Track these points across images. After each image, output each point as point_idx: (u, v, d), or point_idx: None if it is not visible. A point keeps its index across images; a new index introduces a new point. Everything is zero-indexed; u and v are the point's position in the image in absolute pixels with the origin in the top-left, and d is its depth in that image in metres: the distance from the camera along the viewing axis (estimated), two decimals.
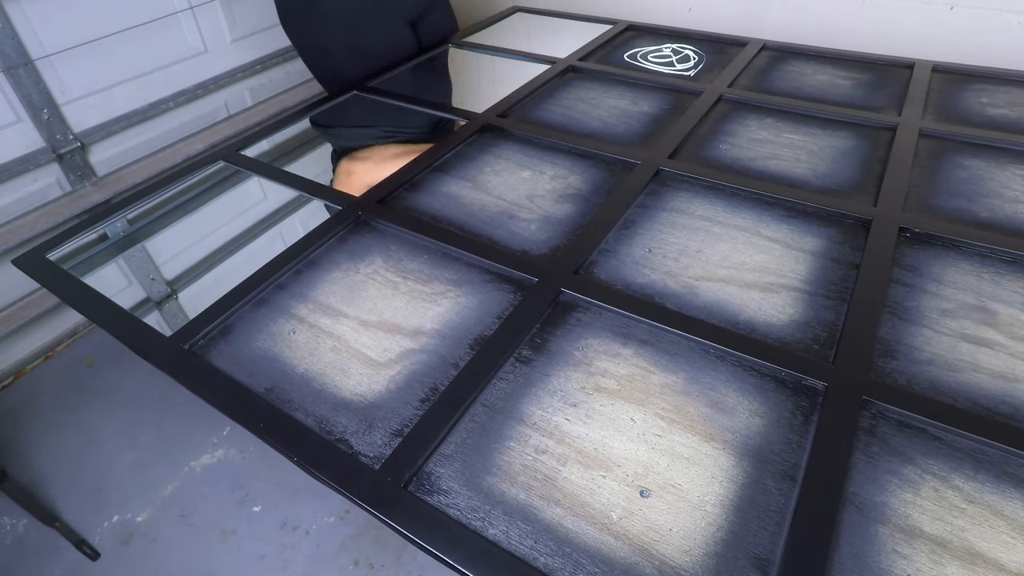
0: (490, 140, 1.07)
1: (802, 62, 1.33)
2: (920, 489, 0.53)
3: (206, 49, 1.68)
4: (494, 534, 0.51)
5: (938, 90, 1.18)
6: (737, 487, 0.54)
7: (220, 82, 1.72)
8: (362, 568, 1.14)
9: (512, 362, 0.65)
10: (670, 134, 1.05)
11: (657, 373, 0.64)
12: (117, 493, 1.27)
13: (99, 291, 0.77)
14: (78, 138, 1.45)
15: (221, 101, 1.78)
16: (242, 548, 1.17)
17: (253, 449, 1.34)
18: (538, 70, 1.32)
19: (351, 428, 0.60)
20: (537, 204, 0.91)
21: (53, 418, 1.42)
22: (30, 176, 1.40)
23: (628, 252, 0.81)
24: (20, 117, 1.36)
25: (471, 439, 0.58)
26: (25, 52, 1.31)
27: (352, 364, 0.67)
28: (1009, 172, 0.93)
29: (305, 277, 0.79)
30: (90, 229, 0.92)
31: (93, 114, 1.49)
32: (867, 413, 0.59)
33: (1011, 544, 0.49)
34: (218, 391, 0.63)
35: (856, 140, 1.04)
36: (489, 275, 0.77)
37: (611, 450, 0.57)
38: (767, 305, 0.72)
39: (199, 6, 1.61)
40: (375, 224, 0.87)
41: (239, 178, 1.16)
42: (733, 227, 0.84)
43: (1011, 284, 0.73)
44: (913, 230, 0.81)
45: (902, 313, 0.70)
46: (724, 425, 0.59)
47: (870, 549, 0.49)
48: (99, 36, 1.44)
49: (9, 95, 1.32)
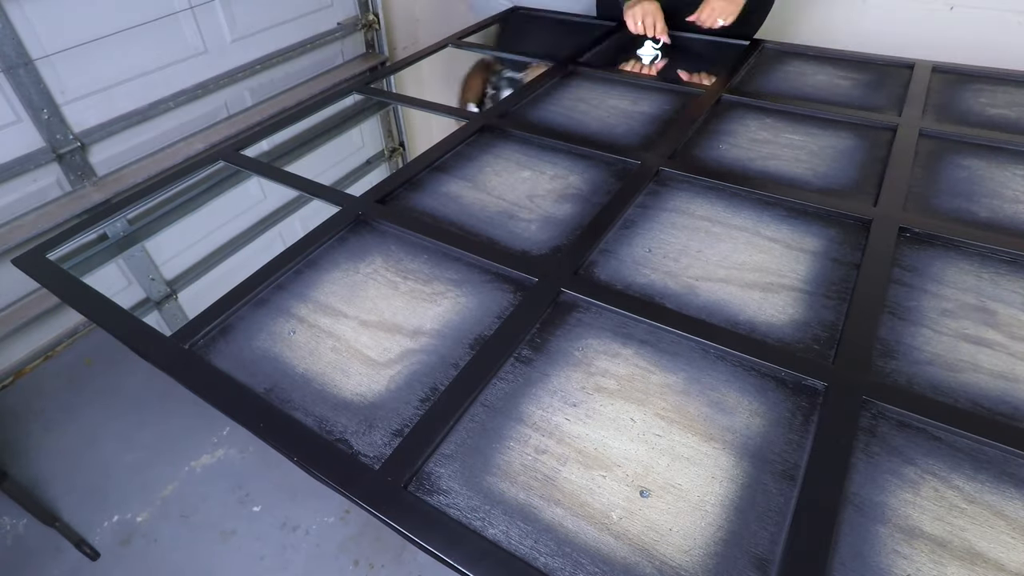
0: (490, 140, 1.07)
1: (802, 62, 1.33)
2: (920, 489, 0.53)
3: (206, 49, 1.68)
4: (494, 534, 0.51)
5: (938, 90, 1.18)
6: (737, 487, 0.54)
7: (220, 82, 1.72)
8: (362, 568, 1.14)
9: (512, 362, 0.65)
10: (670, 134, 1.05)
11: (657, 373, 0.64)
12: (117, 493, 1.27)
13: (99, 291, 0.77)
14: (78, 138, 1.45)
15: (221, 101, 1.78)
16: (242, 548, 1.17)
17: (253, 449, 1.34)
18: (538, 70, 1.31)
19: (351, 428, 0.60)
20: (537, 204, 0.91)
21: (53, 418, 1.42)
22: (30, 176, 1.40)
23: (628, 252, 0.81)
24: (20, 117, 1.35)
25: (471, 439, 0.58)
26: (25, 52, 1.31)
27: (352, 364, 0.67)
28: (1009, 172, 0.93)
29: (305, 277, 0.79)
30: (90, 229, 0.92)
31: (93, 114, 1.49)
32: (867, 413, 0.59)
33: (1011, 544, 0.49)
34: (218, 391, 0.63)
35: (856, 140, 1.04)
36: (489, 275, 0.77)
37: (611, 450, 0.57)
38: (767, 305, 0.72)
39: (199, 6, 1.61)
40: (375, 224, 0.87)
41: (239, 178, 1.16)
42: (733, 227, 0.84)
43: (1011, 284, 0.73)
44: (913, 230, 0.81)
45: (902, 313, 0.70)
46: (724, 425, 0.59)
47: (870, 549, 0.49)
48: (99, 36, 1.44)
49: (9, 95, 1.32)
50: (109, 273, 1.58)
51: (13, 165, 1.35)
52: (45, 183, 1.44)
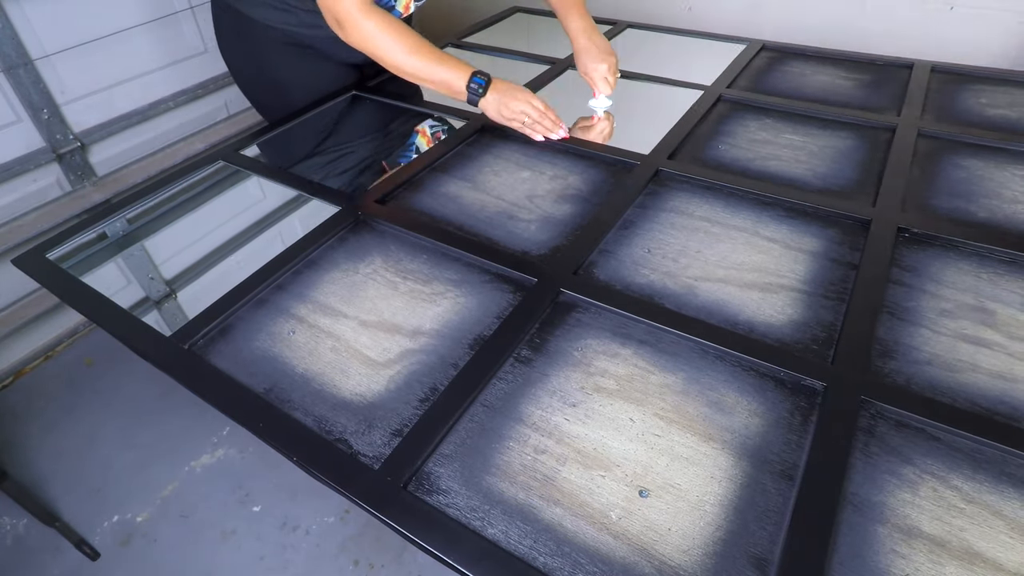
0: (490, 140, 1.07)
1: (802, 62, 1.33)
2: (919, 489, 0.53)
3: (206, 49, 1.68)
4: (493, 534, 0.51)
5: (937, 90, 1.18)
6: (736, 487, 0.54)
7: (220, 82, 1.72)
8: (362, 568, 1.14)
9: (512, 362, 0.66)
10: (669, 134, 1.05)
11: (656, 373, 0.64)
12: (117, 493, 1.27)
13: (99, 291, 0.77)
14: (78, 138, 1.45)
15: (221, 101, 1.78)
16: (242, 548, 1.17)
17: (253, 449, 1.34)
18: (538, 70, 1.32)
19: (351, 428, 0.60)
20: (537, 204, 0.91)
21: (53, 418, 1.42)
22: (30, 176, 1.40)
23: (627, 252, 0.81)
24: (20, 117, 1.36)
25: (470, 439, 0.59)
26: (25, 52, 1.31)
27: (352, 364, 0.67)
28: (1008, 172, 0.93)
29: (305, 277, 0.79)
30: (90, 229, 0.92)
31: (93, 114, 1.49)
32: (866, 413, 0.59)
33: (1009, 544, 0.49)
34: (218, 391, 0.63)
35: (855, 140, 1.04)
36: (489, 275, 0.77)
37: (610, 450, 0.57)
38: (766, 305, 0.72)
39: (199, 6, 1.61)
40: (375, 224, 0.87)
41: (238, 178, 1.16)
42: (732, 227, 0.84)
43: (1009, 284, 0.73)
44: (912, 230, 0.81)
45: (901, 313, 0.70)
46: (723, 425, 0.59)
47: (869, 549, 0.49)
48: (99, 36, 1.44)
49: (9, 95, 1.32)
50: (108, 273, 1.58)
51: (13, 165, 1.36)
52: (45, 183, 1.44)
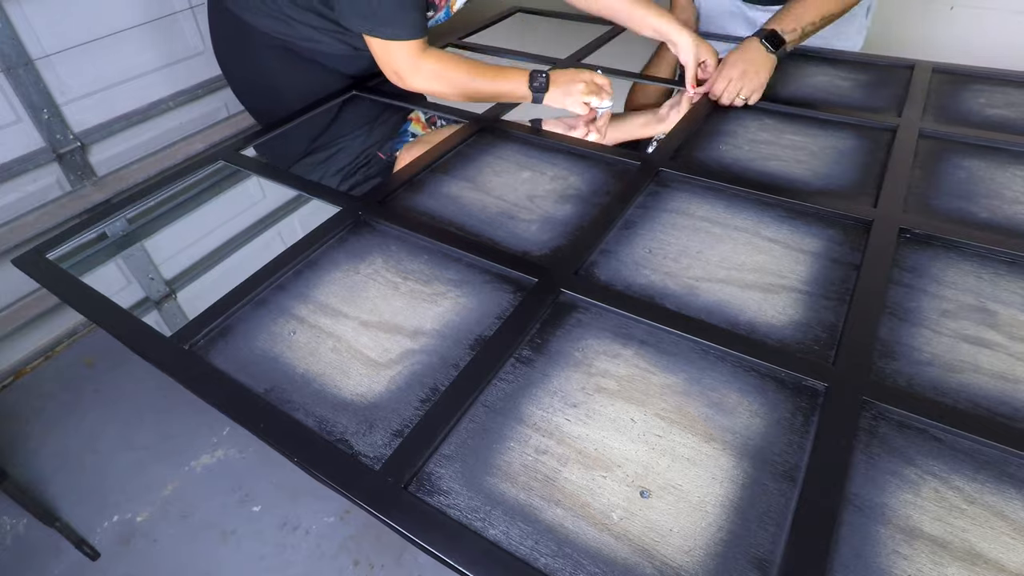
0: (490, 140, 1.07)
1: (802, 62, 1.33)
2: (920, 490, 0.53)
3: (206, 49, 1.68)
4: (494, 534, 0.51)
5: (938, 91, 1.18)
6: (737, 488, 0.54)
7: (220, 82, 1.72)
8: (362, 568, 1.14)
9: (512, 362, 0.65)
10: (670, 135, 1.05)
11: (657, 374, 0.64)
12: (117, 493, 1.27)
13: (99, 291, 0.77)
14: (78, 138, 1.45)
15: (221, 101, 1.78)
16: (242, 548, 1.17)
17: (253, 449, 1.34)
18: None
19: (351, 428, 0.60)
20: (537, 204, 0.91)
21: (53, 418, 1.42)
22: (30, 176, 1.40)
23: (628, 253, 0.81)
24: (20, 117, 1.35)
25: (471, 440, 0.58)
26: (25, 52, 1.31)
27: (352, 364, 0.67)
28: (1009, 173, 0.93)
29: (305, 277, 0.79)
30: (90, 229, 0.92)
31: (93, 114, 1.49)
32: (867, 414, 0.59)
33: (1011, 545, 0.49)
34: (218, 391, 0.63)
35: (856, 141, 1.04)
36: (489, 275, 0.77)
37: (611, 450, 0.57)
38: (767, 306, 0.72)
39: (199, 6, 1.61)
40: (375, 224, 0.87)
41: (238, 178, 1.16)
42: (733, 228, 0.84)
43: (1011, 285, 0.73)
44: (913, 231, 0.81)
45: (902, 314, 0.70)
46: (724, 426, 0.59)
47: (870, 550, 0.49)
48: (99, 36, 1.44)
49: (9, 95, 1.32)
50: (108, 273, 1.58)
51: (13, 165, 1.36)
52: (45, 183, 1.44)
